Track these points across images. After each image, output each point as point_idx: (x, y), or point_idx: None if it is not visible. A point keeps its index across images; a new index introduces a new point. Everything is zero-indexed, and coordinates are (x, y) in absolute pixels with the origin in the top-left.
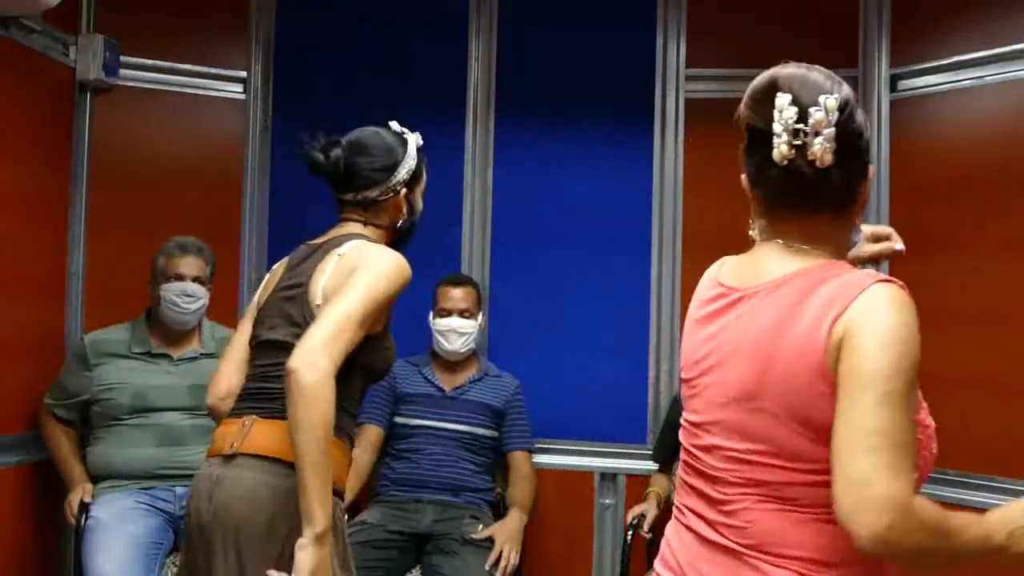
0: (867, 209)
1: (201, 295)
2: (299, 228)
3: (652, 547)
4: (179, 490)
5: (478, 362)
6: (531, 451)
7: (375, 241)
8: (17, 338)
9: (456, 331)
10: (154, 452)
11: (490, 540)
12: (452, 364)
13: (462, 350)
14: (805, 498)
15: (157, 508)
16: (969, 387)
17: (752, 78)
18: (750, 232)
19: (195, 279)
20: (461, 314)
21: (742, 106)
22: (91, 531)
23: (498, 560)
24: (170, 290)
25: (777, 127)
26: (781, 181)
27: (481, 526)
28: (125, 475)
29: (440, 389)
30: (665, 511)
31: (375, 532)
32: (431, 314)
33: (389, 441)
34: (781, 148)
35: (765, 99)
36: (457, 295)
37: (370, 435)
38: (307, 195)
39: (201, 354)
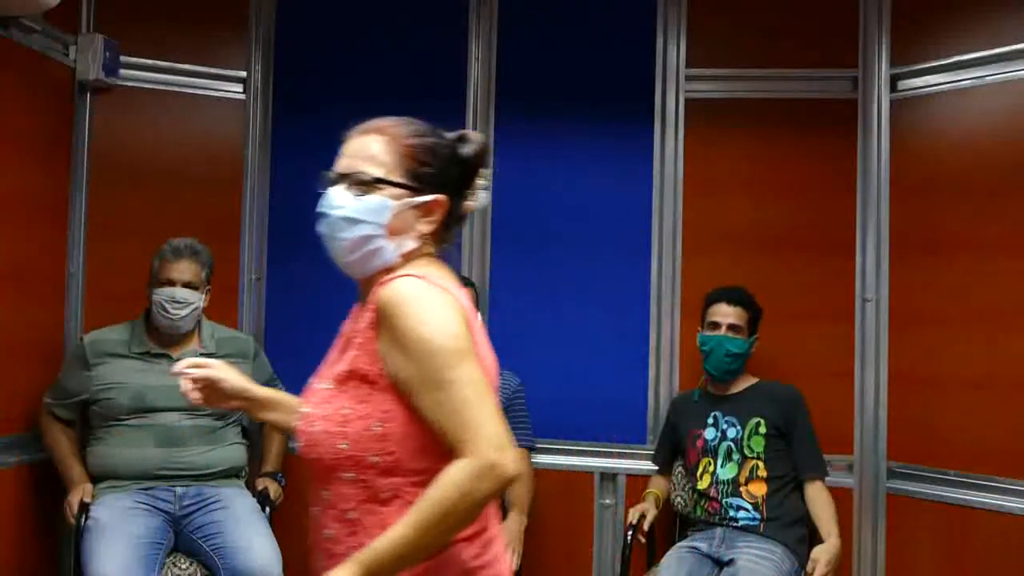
0: (868, 209)
1: (193, 300)
2: (299, 228)
3: (650, 548)
4: (179, 490)
5: None
6: (531, 449)
7: None
8: (17, 338)
9: None
10: (153, 452)
11: None
12: None
13: None
14: None
15: (157, 508)
16: (969, 387)
17: (752, 78)
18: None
19: (186, 284)
20: None
21: (481, 151)
22: (91, 532)
23: None
24: (160, 295)
25: (483, 183)
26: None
27: None
28: (125, 475)
29: None
30: (664, 512)
31: None
32: None
33: None
34: (480, 200)
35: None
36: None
37: None
38: (307, 195)
39: (201, 354)
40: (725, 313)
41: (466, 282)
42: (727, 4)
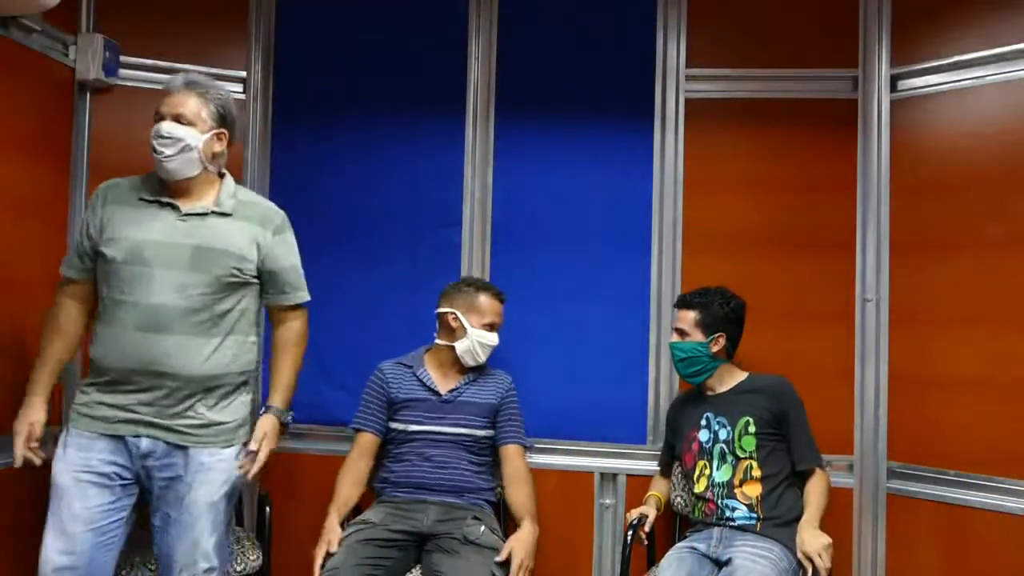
0: (868, 209)
1: (181, 135)
2: (299, 228)
3: (650, 548)
4: (143, 442)
5: None
6: (525, 447)
7: None
8: (16, 339)
9: (494, 346)
10: (132, 338)
11: (496, 546)
12: (448, 363)
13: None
14: None
15: (119, 476)
16: (969, 387)
17: (752, 78)
18: None
19: (176, 117)
20: (497, 329)
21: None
22: (51, 502)
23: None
24: (152, 134)
25: None
26: None
27: (483, 528)
28: (102, 367)
29: (435, 392)
30: (664, 512)
31: (377, 531)
32: (467, 319)
33: (386, 445)
34: None
35: None
36: (501, 311)
37: (364, 442)
38: (307, 195)
39: (213, 212)
40: (676, 318)
41: (499, 295)
42: (727, 4)
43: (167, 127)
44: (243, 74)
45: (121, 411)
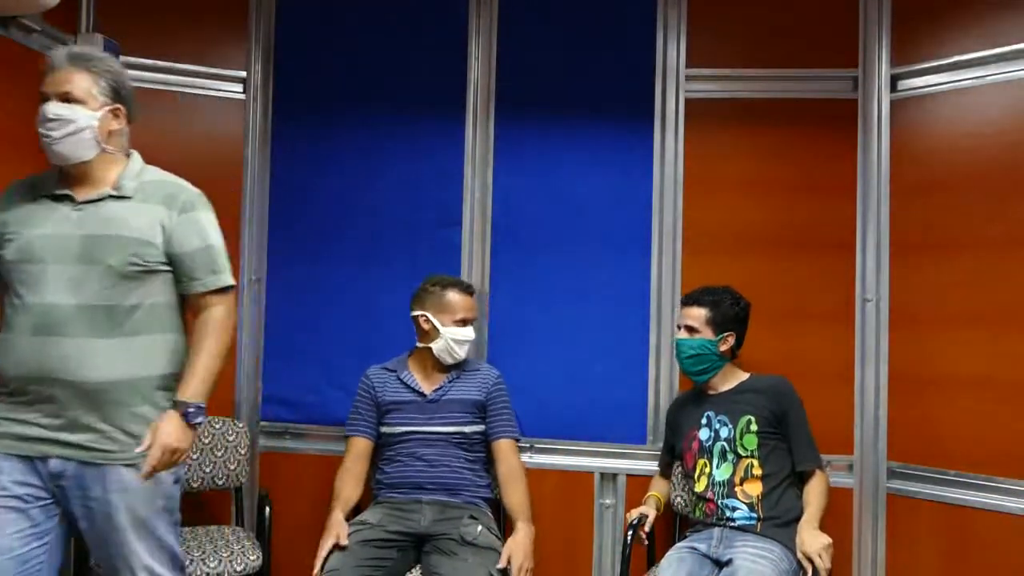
0: (868, 209)
1: (73, 116)
2: (298, 228)
3: (650, 548)
4: (52, 463)
5: None
6: (517, 440)
7: None
8: None
9: (470, 341)
10: (28, 343)
11: (494, 546)
12: (430, 364)
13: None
14: None
15: (35, 498)
16: (969, 387)
17: (752, 78)
18: None
19: (63, 96)
20: (472, 323)
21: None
22: None
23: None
24: (38, 118)
25: None
26: None
27: (480, 527)
28: (5, 379)
29: (421, 393)
30: (664, 512)
31: (375, 532)
32: (438, 319)
33: (379, 449)
34: None
35: None
36: (472, 304)
37: (358, 447)
38: (306, 195)
39: (110, 196)
40: (683, 315)
41: (467, 288)
42: (727, 4)
43: (53, 108)
44: (243, 74)
45: (25, 426)
